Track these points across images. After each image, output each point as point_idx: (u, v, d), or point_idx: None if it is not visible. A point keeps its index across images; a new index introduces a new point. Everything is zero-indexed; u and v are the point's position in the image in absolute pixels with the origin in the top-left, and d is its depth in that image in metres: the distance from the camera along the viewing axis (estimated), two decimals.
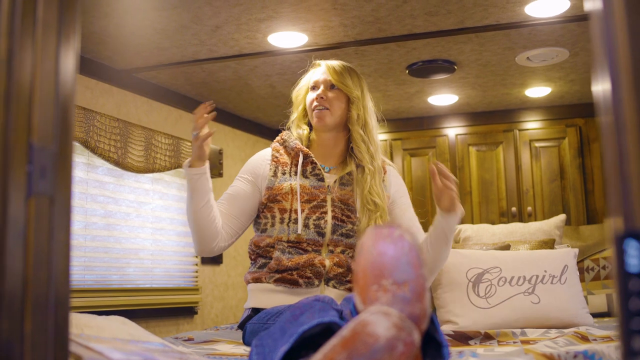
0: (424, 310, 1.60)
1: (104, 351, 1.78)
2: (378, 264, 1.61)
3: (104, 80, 4.33)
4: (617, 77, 1.00)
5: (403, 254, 1.61)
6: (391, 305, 1.57)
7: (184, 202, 5.01)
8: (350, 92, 2.90)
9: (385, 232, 1.65)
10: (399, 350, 1.50)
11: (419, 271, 1.61)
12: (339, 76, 2.91)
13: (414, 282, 1.60)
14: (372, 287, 1.61)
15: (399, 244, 1.63)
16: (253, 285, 2.90)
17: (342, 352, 1.50)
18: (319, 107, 2.89)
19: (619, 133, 1.00)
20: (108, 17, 3.53)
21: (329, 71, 2.93)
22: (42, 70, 1.31)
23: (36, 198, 1.25)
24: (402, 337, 1.50)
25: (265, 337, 2.04)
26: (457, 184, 2.82)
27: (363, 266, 1.64)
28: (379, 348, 1.49)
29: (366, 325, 1.51)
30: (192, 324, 4.99)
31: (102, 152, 4.03)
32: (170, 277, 4.80)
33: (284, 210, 2.82)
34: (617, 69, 1.01)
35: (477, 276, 3.57)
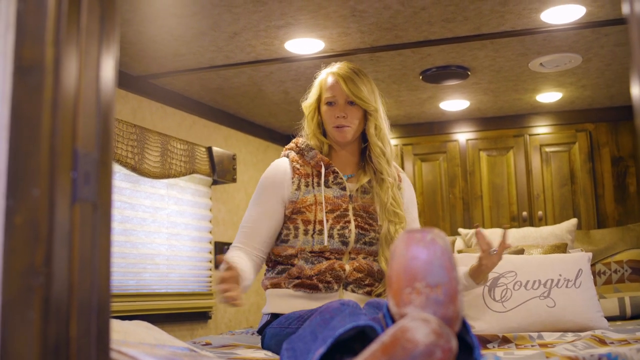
0: (456, 312, 1.62)
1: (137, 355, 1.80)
2: (411, 268, 1.63)
3: (121, 86, 4.35)
4: None
5: (436, 257, 1.63)
6: (424, 308, 1.59)
7: (198, 207, 5.04)
8: (368, 107, 2.86)
9: (418, 237, 1.67)
10: (437, 356, 1.52)
11: (451, 274, 1.63)
12: (357, 91, 2.85)
13: (447, 285, 1.62)
14: (405, 290, 1.63)
15: (432, 247, 1.64)
16: (272, 291, 2.89)
17: (382, 357, 1.52)
18: (339, 126, 2.86)
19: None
20: (128, 24, 3.56)
21: (345, 86, 2.85)
22: (86, 78, 1.33)
23: (80, 204, 1.26)
24: (440, 344, 1.52)
25: (296, 340, 2.05)
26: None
27: (396, 270, 1.66)
28: (418, 354, 1.51)
29: (406, 332, 1.53)
30: (206, 328, 5.01)
31: (119, 158, 4.06)
32: (185, 282, 4.82)
33: (308, 221, 2.80)
34: None
35: (493, 280, 3.58)
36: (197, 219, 5.03)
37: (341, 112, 2.84)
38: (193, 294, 4.83)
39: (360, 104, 2.84)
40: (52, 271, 1.19)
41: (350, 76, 2.88)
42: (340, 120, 2.84)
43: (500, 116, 5.77)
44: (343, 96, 2.86)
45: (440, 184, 5.90)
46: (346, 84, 2.85)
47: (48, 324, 1.18)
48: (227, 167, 5.10)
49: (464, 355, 1.80)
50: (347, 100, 2.86)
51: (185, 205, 4.91)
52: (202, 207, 5.10)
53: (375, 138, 2.88)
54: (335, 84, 2.88)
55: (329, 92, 2.89)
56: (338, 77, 2.89)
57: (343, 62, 2.97)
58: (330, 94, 2.88)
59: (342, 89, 2.85)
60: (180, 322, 4.75)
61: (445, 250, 1.65)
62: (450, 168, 5.88)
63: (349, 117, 2.84)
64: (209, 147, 4.96)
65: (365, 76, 2.93)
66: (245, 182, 5.59)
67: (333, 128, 2.87)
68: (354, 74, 2.90)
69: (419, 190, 5.90)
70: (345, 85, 2.85)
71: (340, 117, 2.83)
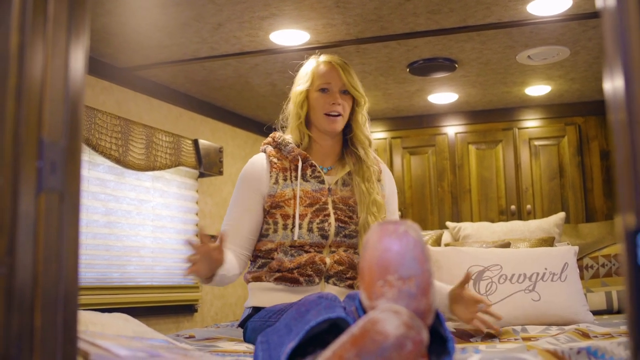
0: (429, 305, 1.61)
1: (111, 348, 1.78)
2: (383, 260, 1.62)
3: (105, 78, 4.33)
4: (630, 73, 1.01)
5: (408, 249, 1.62)
6: (397, 301, 1.58)
7: (184, 200, 5.02)
8: (360, 97, 2.86)
9: (391, 228, 1.65)
10: (407, 348, 1.51)
11: (424, 266, 1.61)
12: (352, 80, 2.85)
13: (420, 278, 1.60)
14: (377, 283, 1.61)
15: (404, 239, 1.63)
16: (253, 284, 2.88)
17: (352, 350, 1.51)
18: (334, 114, 2.84)
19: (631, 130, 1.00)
20: (110, 15, 3.54)
21: (343, 75, 2.84)
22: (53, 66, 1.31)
23: (46, 194, 1.25)
24: (411, 336, 1.51)
25: (270, 333, 2.04)
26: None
27: (369, 262, 1.64)
28: (388, 346, 1.50)
29: (376, 323, 1.52)
30: (192, 321, 5.00)
31: (103, 150, 4.03)
32: (170, 274, 4.80)
33: (287, 216, 2.78)
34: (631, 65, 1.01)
35: (478, 274, 3.57)
36: (183, 212, 5.00)
37: (335, 100, 2.83)
38: (179, 286, 4.82)
39: (354, 94, 2.85)
40: (15, 261, 1.17)
41: (345, 66, 2.89)
42: (335, 107, 2.82)
43: (489, 109, 5.76)
44: (338, 84, 2.85)
45: (429, 178, 5.88)
46: (343, 72, 2.85)
47: (11, 314, 1.16)
48: (214, 159, 5.08)
49: (438, 348, 1.79)
50: (341, 89, 2.85)
51: (171, 197, 4.89)
52: (189, 200, 5.08)
53: (363, 127, 2.88)
54: (332, 71, 2.87)
55: (323, 79, 2.86)
56: (335, 65, 2.88)
57: (327, 54, 2.96)
58: (325, 80, 2.86)
59: (339, 77, 2.85)
60: (166, 314, 4.74)
61: (418, 242, 1.63)
62: (439, 161, 5.86)
63: (342, 106, 2.84)
64: (195, 139, 4.94)
65: (353, 69, 2.94)
66: (232, 175, 5.56)
67: (324, 115, 2.84)
68: (345, 64, 2.91)
69: (407, 184, 5.89)
70: (343, 73, 2.85)
71: (335, 103, 2.82)
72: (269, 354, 1.91)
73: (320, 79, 2.88)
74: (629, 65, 0.99)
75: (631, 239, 0.98)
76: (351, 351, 1.50)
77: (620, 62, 1.01)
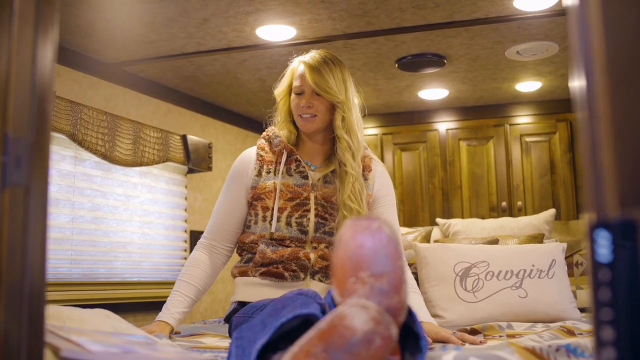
0: (401, 302, 1.59)
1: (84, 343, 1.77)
2: (356, 256, 1.60)
3: (92, 73, 4.31)
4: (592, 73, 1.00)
5: (381, 245, 1.60)
6: (369, 298, 1.56)
7: (173, 196, 5.01)
8: (333, 99, 2.81)
9: (364, 224, 1.64)
10: (376, 344, 1.49)
11: (396, 263, 1.60)
12: (322, 82, 2.81)
13: (392, 274, 1.59)
14: (349, 280, 1.60)
15: (377, 235, 1.61)
16: (239, 279, 2.89)
17: (319, 345, 1.49)
18: (305, 115, 2.83)
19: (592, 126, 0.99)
20: (94, 10, 3.52)
21: (311, 77, 2.81)
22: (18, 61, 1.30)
23: (11, 188, 1.24)
24: (379, 331, 1.49)
25: (245, 329, 2.03)
26: None
27: (341, 258, 1.63)
28: (356, 341, 1.48)
29: (344, 318, 1.50)
30: None
31: (89, 145, 4.02)
32: (158, 270, 4.79)
33: (267, 208, 2.80)
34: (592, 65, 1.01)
35: (465, 270, 3.56)
36: (172, 208, 4.99)
37: (307, 102, 2.82)
38: (167, 282, 4.80)
39: (325, 96, 2.80)
40: None
41: (318, 66, 2.83)
42: (305, 110, 2.81)
43: (480, 105, 5.74)
44: (309, 86, 2.83)
45: (420, 174, 5.87)
46: (312, 74, 2.81)
47: None
48: (203, 155, 5.06)
49: (413, 346, 1.77)
50: (313, 91, 2.83)
51: (159, 193, 4.88)
52: (177, 196, 5.06)
53: (340, 130, 2.84)
54: (303, 73, 2.85)
55: (297, 81, 2.87)
56: (305, 67, 2.85)
57: (318, 50, 2.93)
58: (298, 82, 2.86)
59: (308, 79, 2.82)
60: (154, 310, 4.69)
61: (391, 239, 1.62)
62: (429, 158, 5.85)
63: (315, 107, 2.81)
64: (183, 135, 4.92)
65: (336, 66, 2.87)
66: (223, 171, 5.54)
67: (299, 117, 2.85)
68: (323, 63, 2.85)
69: (398, 180, 5.88)
70: (310, 75, 2.81)
71: (305, 107, 2.81)
72: (242, 350, 1.90)
73: (295, 80, 2.88)
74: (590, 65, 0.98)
75: (591, 233, 0.97)
76: (318, 346, 1.49)
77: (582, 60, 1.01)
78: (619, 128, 0.97)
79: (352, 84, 2.92)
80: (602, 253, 0.96)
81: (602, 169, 0.99)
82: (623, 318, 0.93)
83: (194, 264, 2.94)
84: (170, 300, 2.92)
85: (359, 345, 1.48)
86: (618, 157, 0.97)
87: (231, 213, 2.89)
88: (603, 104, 0.99)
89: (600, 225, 0.96)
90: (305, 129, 2.86)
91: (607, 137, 0.99)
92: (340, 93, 2.81)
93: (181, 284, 2.92)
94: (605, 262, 0.96)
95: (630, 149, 0.97)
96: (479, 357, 1.96)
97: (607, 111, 0.99)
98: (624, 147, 0.97)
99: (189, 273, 2.93)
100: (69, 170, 4.10)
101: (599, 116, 1.00)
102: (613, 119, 0.97)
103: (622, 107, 0.98)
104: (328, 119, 2.86)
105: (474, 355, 1.97)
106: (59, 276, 4.00)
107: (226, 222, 2.90)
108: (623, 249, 0.94)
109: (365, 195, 2.86)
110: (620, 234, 0.95)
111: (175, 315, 2.87)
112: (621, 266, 0.94)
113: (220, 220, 2.91)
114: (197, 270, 2.93)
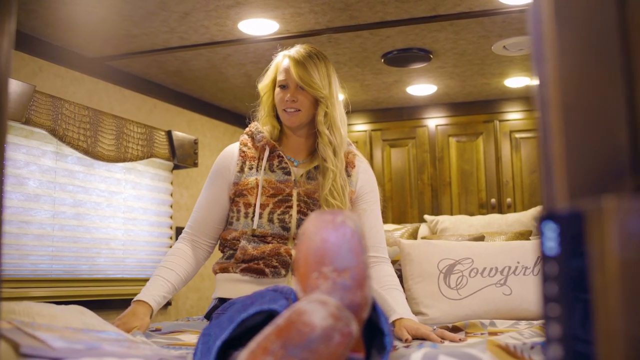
0: (364, 298, 1.55)
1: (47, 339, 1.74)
2: (319, 251, 1.57)
3: (75, 68, 4.28)
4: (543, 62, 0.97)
5: (345, 240, 1.56)
6: (331, 293, 1.52)
7: (158, 192, 4.97)
8: (317, 94, 2.79)
9: (328, 218, 1.60)
10: (335, 340, 1.45)
11: (360, 258, 1.56)
12: (306, 76, 2.78)
13: (355, 270, 1.55)
14: (312, 275, 1.56)
15: (341, 230, 1.58)
16: (220, 275, 2.87)
17: (277, 341, 1.45)
18: (289, 109, 2.80)
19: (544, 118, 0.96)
20: (74, 4, 3.48)
21: (294, 71, 2.78)
22: None
23: None
24: (339, 327, 1.46)
25: (213, 326, 2.00)
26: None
27: (304, 253, 1.59)
28: (315, 338, 1.45)
29: (302, 314, 1.46)
30: (165, 314, 4.95)
31: (70, 141, 3.98)
32: (142, 267, 4.75)
33: (249, 204, 2.77)
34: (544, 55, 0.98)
35: (449, 267, 3.52)
36: (157, 204, 4.95)
37: (290, 97, 2.79)
38: None
39: (309, 90, 2.77)
40: None
41: (303, 60, 2.81)
42: (289, 104, 2.79)
43: (469, 101, 5.71)
44: (293, 81, 2.80)
45: (409, 170, 5.84)
46: (296, 68, 2.78)
47: None
48: (188, 151, 5.02)
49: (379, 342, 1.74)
50: (297, 85, 2.80)
51: (144, 189, 4.84)
52: (163, 192, 5.03)
53: (322, 126, 2.81)
54: (287, 67, 2.82)
55: (281, 75, 2.84)
56: (290, 61, 2.82)
57: (303, 45, 2.90)
58: (283, 77, 2.83)
59: (292, 73, 2.79)
60: None
61: (355, 233, 1.58)
62: (419, 154, 5.82)
63: (299, 101, 2.78)
64: (168, 130, 4.88)
65: (321, 61, 2.84)
66: (209, 167, 5.48)
67: (282, 111, 2.82)
68: (307, 58, 2.82)
69: (387, 177, 5.85)
70: (295, 69, 2.78)
71: (289, 101, 2.79)
72: (207, 347, 1.86)
73: (279, 75, 2.85)
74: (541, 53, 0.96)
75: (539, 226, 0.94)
76: (276, 343, 1.45)
77: (535, 49, 0.98)
78: (569, 118, 0.94)
79: (337, 80, 2.90)
80: (549, 246, 0.93)
81: (552, 160, 0.96)
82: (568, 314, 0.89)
83: (176, 254, 2.88)
84: (151, 283, 2.82)
85: (318, 342, 1.44)
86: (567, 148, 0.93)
87: (213, 209, 2.87)
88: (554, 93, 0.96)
89: (548, 217, 0.93)
90: (288, 123, 2.83)
91: (557, 127, 0.96)
92: (324, 88, 2.79)
93: (162, 270, 2.83)
94: (552, 256, 0.92)
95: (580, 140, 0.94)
96: (450, 355, 1.92)
97: (557, 101, 0.96)
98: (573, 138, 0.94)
99: (172, 261, 2.85)
100: (50, 165, 4.06)
101: (550, 105, 0.97)
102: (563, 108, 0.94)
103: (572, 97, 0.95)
104: (312, 114, 2.83)
105: (444, 353, 1.93)
106: (39, 273, 3.96)
107: (208, 218, 2.88)
108: (570, 241, 0.90)
109: (347, 192, 2.83)
110: (567, 226, 0.91)
111: (156, 297, 2.78)
112: (568, 260, 0.90)
113: (202, 216, 2.89)
114: (180, 259, 2.86)
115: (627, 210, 0.84)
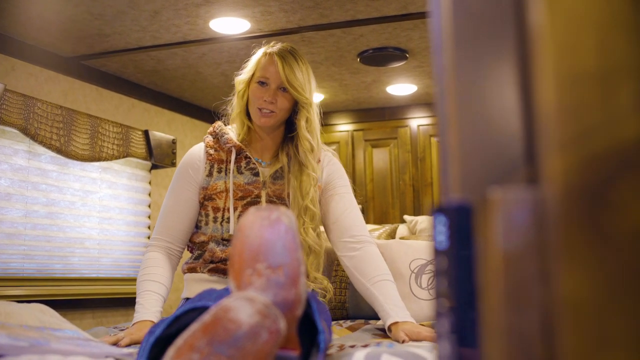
0: (298, 295, 1.54)
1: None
2: (254, 247, 1.55)
3: (49, 67, 4.26)
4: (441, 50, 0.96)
5: (279, 237, 1.55)
6: (265, 290, 1.51)
7: (135, 192, 4.96)
8: (300, 98, 2.67)
9: (264, 215, 1.59)
10: (262, 338, 1.44)
11: (294, 255, 1.55)
12: (293, 78, 2.66)
13: (289, 266, 1.54)
14: (246, 271, 1.55)
15: (276, 226, 1.56)
16: (188, 275, 2.84)
17: (203, 338, 1.44)
18: (264, 110, 2.67)
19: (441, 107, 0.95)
20: (43, 2, 3.47)
21: (282, 70, 2.64)
22: None
23: None
24: (266, 325, 1.44)
25: (160, 323, 1.98)
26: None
27: (239, 249, 1.58)
28: (241, 335, 1.43)
29: (228, 311, 1.45)
30: None
31: (42, 140, 3.97)
32: (118, 266, 4.74)
33: (217, 209, 2.71)
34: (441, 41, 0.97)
35: (420, 267, 3.51)
36: (134, 203, 4.94)
37: (270, 97, 2.65)
38: (127, 279, 4.75)
39: (292, 93, 2.66)
40: None
41: (289, 60, 2.68)
42: (267, 105, 2.69)
43: None
44: (277, 80, 2.66)
45: (391, 171, 5.83)
46: (283, 67, 2.65)
47: None
48: (166, 151, 5.00)
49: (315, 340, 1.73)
50: (279, 86, 2.68)
51: (121, 189, 4.82)
52: (140, 192, 5.01)
53: (304, 131, 2.72)
54: (272, 65, 2.68)
55: (263, 71, 2.69)
56: (277, 58, 2.68)
57: (282, 43, 2.81)
58: (264, 73, 2.68)
59: (277, 72, 2.66)
60: (114, 307, 4.68)
61: (290, 230, 1.57)
62: (401, 154, 5.81)
63: (278, 103, 2.67)
64: (145, 130, 4.86)
65: (304, 63, 2.74)
66: None
67: (257, 109, 2.68)
68: (293, 58, 2.70)
69: (369, 177, 5.84)
70: (283, 69, 2.65)
71: (267, 101, 2.68)
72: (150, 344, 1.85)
73: (260, 71, 2.70)
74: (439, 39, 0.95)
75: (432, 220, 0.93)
76: (202, 339, 1.44)
77: (434, 36, 0.97)
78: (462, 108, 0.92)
79: (313, 79, 2.81)
80: (439, 240, 0.91)
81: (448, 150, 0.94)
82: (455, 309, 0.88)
83: (156, 264, 2.77)
84: (146, 300, 2.70)
85: (245, 340, 1.43)
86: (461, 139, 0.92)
87: (184, 213, 2.77)
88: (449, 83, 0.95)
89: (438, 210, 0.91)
90: (260, 123, 2.73)
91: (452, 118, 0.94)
92: (306, 91, 2.70)
93: (150, 284, 2.71)
94: (441, 250, 0.91)
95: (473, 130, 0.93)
96: (394, 354, 1.90)
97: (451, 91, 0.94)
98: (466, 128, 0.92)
99: (155, 273, 2.75)
100: (22, 164, 4.05)
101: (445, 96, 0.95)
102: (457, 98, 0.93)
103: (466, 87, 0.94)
104: (286, 116, 2.76)
105: (388, 353, 1.91)
106: (10, 271, 3.95)
107: (179, 223, 2.77)
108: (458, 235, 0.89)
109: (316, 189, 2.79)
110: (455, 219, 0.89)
111: (157, 313, 2.68)
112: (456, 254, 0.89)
113: (172, 222, 2.78)
114: (161, 269, 2.76)
115: (512, 202, 0.83)
